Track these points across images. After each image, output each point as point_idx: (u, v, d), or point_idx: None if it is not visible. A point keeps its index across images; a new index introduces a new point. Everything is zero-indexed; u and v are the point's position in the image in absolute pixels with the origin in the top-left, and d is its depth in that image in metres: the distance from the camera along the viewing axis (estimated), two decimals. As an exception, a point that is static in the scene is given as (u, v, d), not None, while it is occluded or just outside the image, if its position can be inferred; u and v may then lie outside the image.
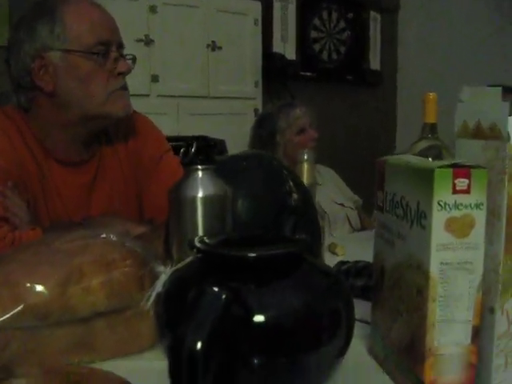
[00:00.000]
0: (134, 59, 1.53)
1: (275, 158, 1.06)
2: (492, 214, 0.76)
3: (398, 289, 0.84)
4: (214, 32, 3.63)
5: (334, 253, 1.65)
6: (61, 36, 1.39)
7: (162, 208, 1.54)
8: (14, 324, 0.84)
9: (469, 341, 0.76)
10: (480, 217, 0.74)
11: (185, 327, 0.55)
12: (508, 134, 0.74)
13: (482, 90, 0.80)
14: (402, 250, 0.82)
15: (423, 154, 1.54)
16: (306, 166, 1.24)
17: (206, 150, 0.87)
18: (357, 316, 0.85)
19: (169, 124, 3.22)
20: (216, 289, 0.59)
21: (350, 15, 4.66)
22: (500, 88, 0.76)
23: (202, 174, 0.88)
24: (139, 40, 3.30)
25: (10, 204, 1.34)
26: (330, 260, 1.45)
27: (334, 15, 4.58)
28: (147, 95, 3.34)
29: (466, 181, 0.72)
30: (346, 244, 1.74)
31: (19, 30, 1.43)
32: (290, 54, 4.22)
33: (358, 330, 0.99)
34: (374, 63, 4.82)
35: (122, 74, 1.46)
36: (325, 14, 4.53)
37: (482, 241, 0.74)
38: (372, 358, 0.95)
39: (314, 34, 4.47)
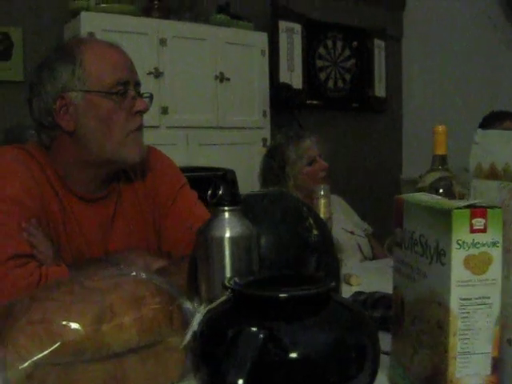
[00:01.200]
0: (150, 97, 1.57)
1: (292, 195, 1.10)
2: (507, 251, 0.79)
3: (419, 322, 0.87)
4: (222, 63, 3.70)
5: (348, 283, 1.68)
6: (81, 77, 1.43)
7: (179, 241, 1.59)
8: (50, 360, 0.87)
9: (489, 372, 0.80)
10: (496, 254, 0.78)
11: (226, 364, 0.59)
12: (521, 176, 0.78)
13: (495, 133, 0.84)
14: (422, 286, 0.86)
15: (434, 185, 1.58)
16: (322, 201, 1.28)
17: (233, 190, 0.92)
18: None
19: (178, 155, 3.25)
20: (253, 328, 0.62)
21: (355, 44, 4.73)
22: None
23: (229, 215, 0.92)
24: (149, 73, 3.37)
25: (35, 241, 1.38)
26: (345, 290, 1.48)
27: (339, 44, 4.66)
28: (157, 127, 3.40)
29: (483, 220, 0.76)
30: (358, 274, 1.77)
31: (41, 71, 1.48)
32: (297, 83, 4.30)
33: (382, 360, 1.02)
34: (380, 90, 4.89)
35: (140, 113, 1.50)
36: (330, 43, 4.60)
37: (499, 277, 0.78)
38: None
39: (319, 63, 4.54)
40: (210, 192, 0.92)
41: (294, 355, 0.64)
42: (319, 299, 0.73)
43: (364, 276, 1.75)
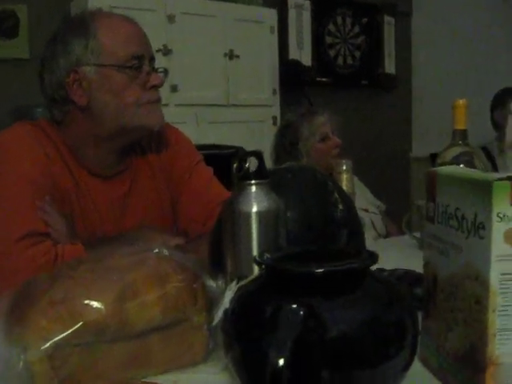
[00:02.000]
0: (165, 72, 1.54)
1: (317, 169, 1.07)
2: (549, 224, 0.76)
3: (453, 299, 0.84)
4: (232, 41, 3.65)
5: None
6: (95, 50, 1.40)
7: (195, 218, 1.57)
8: (73, 341, 0.85)
9: (529, 349, 0.77)
10: (538, 227, 0.74)
11: (265, 344, 0.56)
12: None
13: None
14: (457, 261, 0.82)
15: (455, 160, 1.55)
16: (345, 176, 1.25)
17: (260, 165, 0.89)
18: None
19: (188, 133, 3.23)
20: (293, 305, 0.60)
21: (364, 20, 4.68)
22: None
23: (256, 189, 0.89)
24: (158, 50, 3.32)
25: (49, 219, 1.36)
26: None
27: (349, 20, 4.60)
28: (166, 105, 3.36)
29: (528, 193, 0.73)
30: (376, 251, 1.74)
31: (54, 45, 1.44)
32: (306, 60, 4.25)
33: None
34: (389, 67, 4.84)
35: (155, 87, 1.47)
36: (339, 20, 4.55)
37: (540, 251, 0.75)
38: (424, 367, 0.95)
39: (328, 40, 4.49)
40: (235, 165, 0.88)
41: (334, 333, 0.62)
42: (356, 275, 0.70)
43: (380, 253, 1.72)
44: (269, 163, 2.64)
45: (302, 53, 4.22)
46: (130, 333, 0.89)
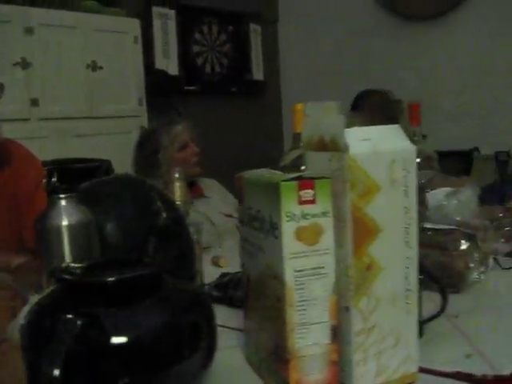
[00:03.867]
0: (1, 87, 1.51)
1: (142, 179, 1.09)
2: (339, 221, 0.81)
3: (262, 297, 0.88)
4: (94, 52, 3.59)
5: (217, 265, 1.68)
6: None
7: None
8: None
9: (328, 340, 0.81)
10: (327, 224, 0.79)
11: (42, 356, 0.57)
12: (346, 146, 0.79)
13: (323, 104, 0.86)
14: (261, 261, 0.86)
15: (296, 163, 1.60)
16: (177, 184, 1.27)
17: (68, 178, 0.89)
18: (237, 325, 0.89)
19: (51, 147, 3.17)
20: (70, 316, 0.60)
21: (230, 28, 4.73)
22: (337, 103, 0.81)
23: (66, 203, 0.89)
24: (16, 63, 3.22)
25: None
26: (215, 272, 1.48)
27: (215, 29, 4.65)
28: (27, 119, 3.27)
29: (311, 192, 0.77)
30: (235, 255, 1.76)
31: None
32: (173, 69, 4.25)
33: (239, 339, 1.03)
34: (258, 74, 4.92)
35: None
36: (205, 28, 4.58)
37: (331, 246, 0.79)
38: (249, 366, 0.99)
39: (195, 49, 4.51)
40: (44, 181, 0.88)
41: (116, 340, 0.63)
42: (150, 282, 0.71)
43: (236, 257, 1.75)
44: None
45: (169, 62, 4.22)
46: None
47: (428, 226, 1.40)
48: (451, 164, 4.31)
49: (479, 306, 1.24)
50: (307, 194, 0.77)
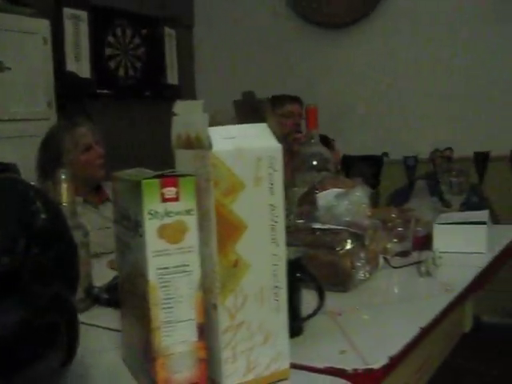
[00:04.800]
0: None
1: (21, 179, 1.06)
2: (204, 219, 0.81)
3: (133, 297, 0.88)
4: (1, 52, 3.50)
5: (113, 269, 1.66)
6: None
7: None
8: None
9: (195, 338, 0.81)
10: (191, 222, 0.79)
11: None
12: (209, 143, 0.80)
13: (189, 103, 0.86)
14: (130, 260, 0.86)
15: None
16: (64, 185, 1.25)
17: None
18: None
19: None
20: None
21: (144, 32, 4.70)
22: (201, 101, 0.82)
23: None
24: None
25: None
26: (112, 276, 1.46)
27: (128, 32, 4.60)
28: None
29: (175, 189, 0.78)
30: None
31: None
32: (85, 72, 4.19)
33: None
34: (172, 78, 4.90)
35: None
36: (118, 31, 4.53)
37: (196, 244, 0.80)
38: (125, 366, 0.98)
39: (108, 52, 4.45)
40: None
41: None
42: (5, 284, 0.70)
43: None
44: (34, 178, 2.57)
45: (80, 65, 4.15)
46: None
47: (317, 226, 1.43)
48: (363, 168, 4.43)
49: (362, 304, 1.28)
50: (170, 191, 0.77)
